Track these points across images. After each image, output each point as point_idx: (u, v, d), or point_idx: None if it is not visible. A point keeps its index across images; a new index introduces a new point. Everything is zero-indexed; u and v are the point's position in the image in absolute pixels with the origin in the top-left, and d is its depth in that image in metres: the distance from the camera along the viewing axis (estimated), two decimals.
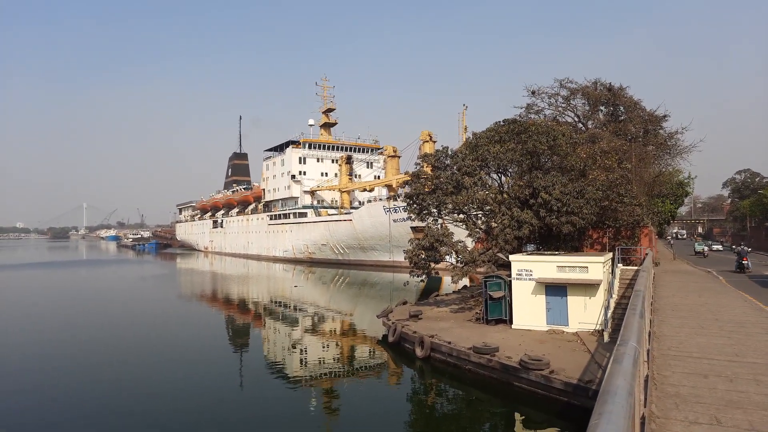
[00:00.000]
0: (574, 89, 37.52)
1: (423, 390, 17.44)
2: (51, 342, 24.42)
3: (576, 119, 38.12)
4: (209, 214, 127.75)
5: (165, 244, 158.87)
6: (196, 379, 18.14)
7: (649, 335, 9.93)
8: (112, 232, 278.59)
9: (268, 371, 19.57)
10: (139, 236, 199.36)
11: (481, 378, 16.60)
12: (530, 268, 20.53)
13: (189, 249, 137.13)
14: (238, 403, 15.70)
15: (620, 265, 23.96)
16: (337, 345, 24.17)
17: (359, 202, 79.81)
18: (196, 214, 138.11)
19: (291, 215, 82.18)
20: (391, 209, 59.73)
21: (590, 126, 36.80)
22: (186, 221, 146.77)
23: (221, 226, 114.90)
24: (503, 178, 27.52)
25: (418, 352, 19.35)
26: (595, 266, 19.62)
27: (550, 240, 26.15)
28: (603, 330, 17.89)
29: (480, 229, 26.56)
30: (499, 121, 27.85)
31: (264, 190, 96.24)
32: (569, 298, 19.82)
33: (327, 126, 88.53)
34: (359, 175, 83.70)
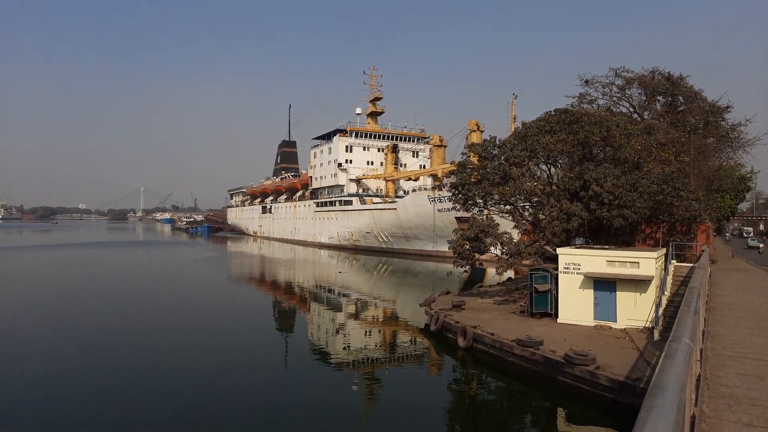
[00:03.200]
0: (630, 78, 36.08)
1: (464, 380, 17.44)
2: (109, 318, 25.81)
3: (631, 110, 36.69)
4: (258, 200, 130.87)
5: (216, 228, 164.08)
6: (245, 360, 18.77)
7: (703, 334, 9.57)
8: (167, 215, 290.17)
9: (312, 354, 20.04)
10: (192, 220, 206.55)
11: (523, 371, 16.43)
12: (578, 262, 20.06)
13: (239, 233, 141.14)
14: (284, 385, 16.19)
15: (674, 261, 23.01)
16: (379, 331, 24.44)
17: (404, 191, 79.76)
18: (247, 200, 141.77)
19: (337, 203, 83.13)
20: (436, 199, 59.43)
21: (646, 117, 35.34)
22: (237, 206, 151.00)
23: (270, 212, 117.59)
24: (552, 169, 26.88)
25: (461, 342, 19.33)
26: (646, 262, 18.96)
27: (600, 234, 25.43)
28: (653, 328, 17.33)
29: (527, 220, 26.10)
30: (550, 111, 27.17)
31: (311, 177, 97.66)
32: (618, 293, 19.26)
33: (374, 115, 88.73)
34: (404, 164, 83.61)
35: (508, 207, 26.26)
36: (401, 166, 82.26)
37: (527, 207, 26.84)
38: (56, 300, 31.34)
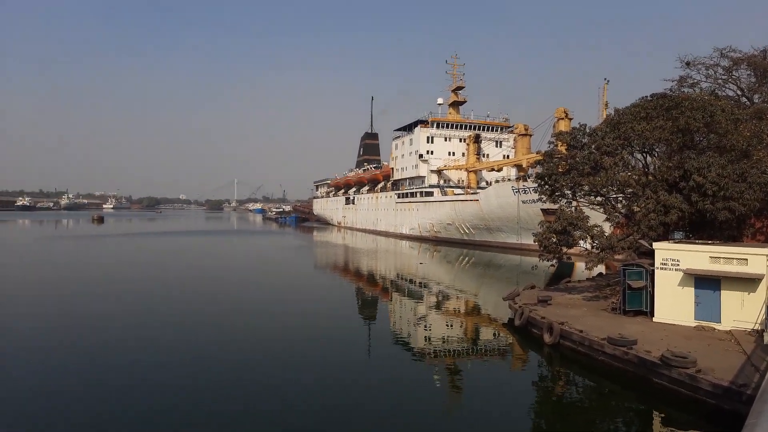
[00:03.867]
0: (737, 59, 32.93)
1: (550, 377, 16.99)
2: (200, 302, 27.75)
3: (739, 93, 33.51)
4: (342, 191, 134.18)
5: (303, 218, 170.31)
6: (327, 346, 19.48)
7: None
8: (258, 206, 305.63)
9: (394, 344, 20.38)
10: (281, 210, 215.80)
11: (615, 371, 15.71)
12: (677, 258, 18.76)
13: (324, 223, 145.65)
14: (366, 375, 16.63)
15: None
16: (461, 324, 24.35)
17: (486, 182, 78.32)
18: (331, 191, 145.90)
19: (417, 194, 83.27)
20: (521, 190, 57.80)
21: (756, 100, 32.12)
22: (322, 197, 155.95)
23: (353, 203, 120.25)
24: (648, 158, 25.24)
25: (546, 338, 18.81)
26: (757, 259, 17.37)
27: (702, 227, 23.55)
28: (763, 330, 15.89)
29: (620, 213, 24.77)
30: (646, 96, 25.49)
31: (392, 169, 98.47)
32: (723, 292, 17.82)
33: (455, 104, 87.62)
34: (487, 155, 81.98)
35: (599, 198, 25.04)
36: (484, 157, 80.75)
37: (620, 198, 25.43)
38: (165, 285, 34.13)
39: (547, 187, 26.15)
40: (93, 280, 35.24)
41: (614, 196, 25.06)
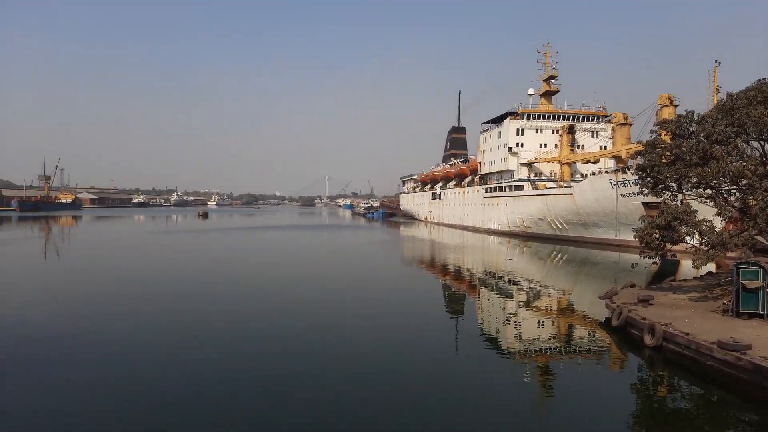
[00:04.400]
0: None
1: (651, 381, 15.96)
2: (293, 294, 29.03)
3: None
4: (429, 186, 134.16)
5: (390, 213, 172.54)
6: (412, 341, 19.63)
7: None
8: (348, 201, 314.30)
9: (481, 340, 20.11)
10: (369, 205, 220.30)
11: (726, 377, 14.42)
12: None
13: (410, 218, 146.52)
14: (453, 370, 16.58)
15: None
16: (553, 323, 23.51)
17: (581, 175, 74.66)
18: (417, 186, 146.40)
19: (506, 188, 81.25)
20: (619, 183, 54.56)
21: None
22: (408, 192, 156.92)
23: (439, 198, 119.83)
24: (767, 146, 22.83)
25: (647, 340, 17.67)
26: None
27: None
28: None
29: (733, 207, 22.64)
30: (764, 78, 23.01)
31: (480, 163, 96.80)
32: None
33: (548, 94, 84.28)
34: (582, 146, 78.09)
35: (708, 191, 23.05)
36: (578, 148, 77.03)
37: (733, 191, 23.24)
38: (265, 277, 36.18)
39: (649, 179, 24.50)
40: (201, 272, 38.07)
41: (726, 188, 22.95)
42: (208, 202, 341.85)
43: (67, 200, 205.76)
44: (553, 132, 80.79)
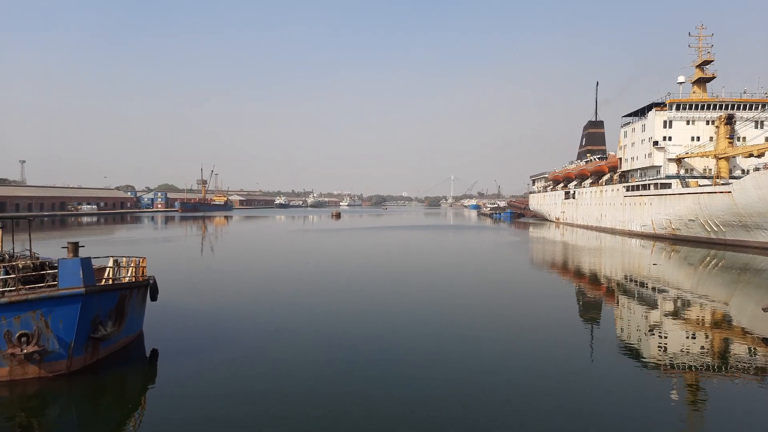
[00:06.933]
0: None
1: None
2: (416, 294, 29.35)
3: None
4: (561, 185, 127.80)
5: (518, 214, 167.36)
6: (546, 349, 18.84)
7: None
8: (473, 202, 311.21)
9: (620, 350, 18.68)
10: (496, 205, 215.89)
11: None
12: None
13: (540, 219, 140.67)
14: (587, 379, 15.64)
15: None
16: (705, 336, 21.06)
17: (742, 170, 66.22)
18: (549, 185, 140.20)
19: (651, 186, 74.51)
20: None
21: None
22: (538, 192, 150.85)
23: (573, 198, 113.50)
24: None
25: None
26: None
27: None
28: None
29: None
30: None
31: (620, 159, 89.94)
32: None
33: (701, 81, 75.71)
34: (743, 138, 68.97)
35: None
36: (738, 141, 68.16)
37: None
38: (389, 276, 37.27)
39: None
40: (337, 270, 40.26)
41: None
42: (341, 203, 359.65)
43: (220, 202, 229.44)
44: (707, 123, 72.46)
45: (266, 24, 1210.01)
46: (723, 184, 60.14)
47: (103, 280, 17.18)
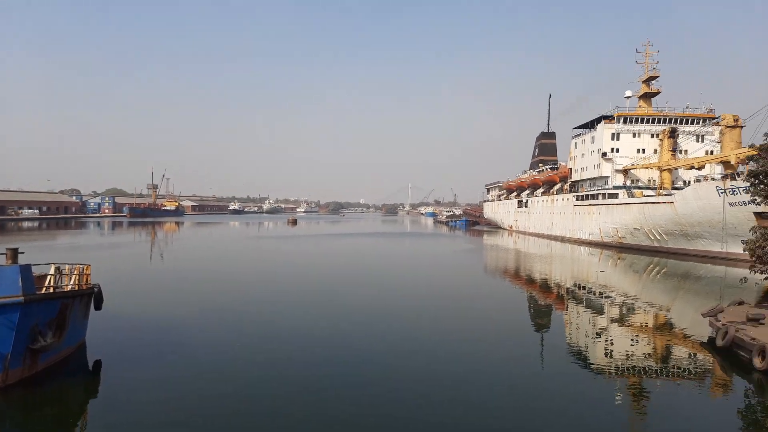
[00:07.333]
0: None
1: (760, 408, 14.43)
2: (367, 300, 29.37)
3: None
4: (515, 194, 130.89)
5: (473, 222, 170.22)
6: (496, 354, 19.18)
7: None
8: (430, 209, 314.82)
9: (569, 357, 19.19)
10: (452, 213, 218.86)
11: None
12: None
13: (495, 227, 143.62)
14: (537, 384, 15.98)
15: None
16: (648, 341, 21.96)
17: (683, 182, 69.65)
18: (502, 194, 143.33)
19: (599, 196, 77.37)
20: (727, 190, 50.15)
21: None
22: (492, 200, 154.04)
23: (526, 206, 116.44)
24: None
25: (757, 362, 16.04)
26: None
27: None
28: None
29: None
30: None
31: (571, 169, 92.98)
32: None
33: (647, 96, 79.33)
34: (685, 151, 72.67)
35: None
36: (680, 153, 71.77)
37: None
38: (342, 282, 37.07)
39: (762, 186, 22.38)
40: (288, 276, 39.71)
41: None
42: (297, 210, 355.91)
43: (171, 207, 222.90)
44: (652, 136, 75.95)
45: (224, 24, 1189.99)
46: (666, 195, 63.13)
47: (44, 288, 16.32)
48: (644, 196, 68.01)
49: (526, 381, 15.99)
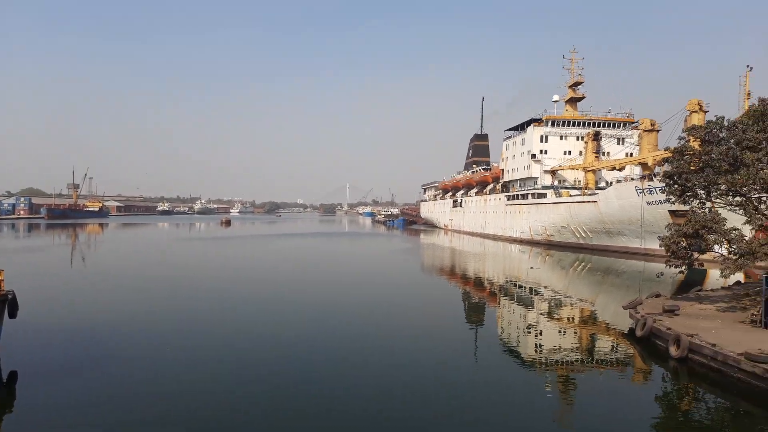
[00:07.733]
0: None
1: (676, 393, 15.51)
2: (308, 300, 29.11)
3: None
4: (450, 193, 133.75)
5: (411, 221, 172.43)
6: (431, 350, 19.47)
7: None
8: (368, 209, 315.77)
9: (502, 351, 19.83)
10: (390, 213, 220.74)
11: (753, 390, 13.96)
12: None
13: (431, 226, 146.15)
14: (473, 380, 16.36)
15: None
16: (575, 333, 23.08)
17: (606, 182, 73.67)
18: (438, 194, 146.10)
19: (529, 196, 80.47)
20: (645, 190, 53.57)
21: None
22: (429, 200, 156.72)
23: (460, 206, 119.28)
24: None
25: (673, 351, 17.21)
26: None
27: None
28: None
29: (763, 215, 21.98)
30: None
31: (502, 170, 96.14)
32: None
33: (573, 101, 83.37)
34: (607, 153, 76.99)
35: (738, 199, 22.44)
36: (603, 155, 75.94)
37: (764, 199, 22.57)
38: (281, 284, 36.40)
39: (676, 186, 23.99)
40: (222, 279, 38.50)
41: (757, 195, 22.30)
42: (231, 210, 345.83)
43: (94, 208, 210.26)
44: (577, 139, 79.86)
45: (153, 26, 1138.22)
46: (590, 195, 66.62)
47: None
48: (570, 196, 71.38)
49: (460, 373, 16.35)
